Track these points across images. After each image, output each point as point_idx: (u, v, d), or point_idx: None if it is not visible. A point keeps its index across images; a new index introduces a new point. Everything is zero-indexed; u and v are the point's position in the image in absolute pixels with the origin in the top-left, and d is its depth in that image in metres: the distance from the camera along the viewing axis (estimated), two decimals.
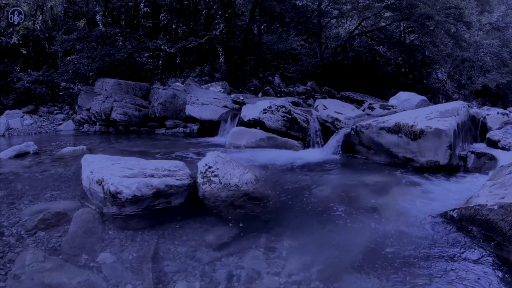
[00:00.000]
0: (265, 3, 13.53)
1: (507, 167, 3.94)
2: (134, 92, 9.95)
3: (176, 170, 4.04)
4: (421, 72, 17.05)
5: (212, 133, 8.49)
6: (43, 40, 13.52)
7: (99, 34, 11.73)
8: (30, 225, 3.01)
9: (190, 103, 8.79)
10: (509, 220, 2.78)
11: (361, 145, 6.02)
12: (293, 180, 4.59)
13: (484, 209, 3.01)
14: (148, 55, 14.39)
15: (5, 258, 2.53)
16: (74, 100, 10.79)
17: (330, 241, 2.95)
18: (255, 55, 15.32)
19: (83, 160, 4.18)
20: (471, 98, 16.39)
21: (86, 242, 2.80)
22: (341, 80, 14.66)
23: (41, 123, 9.85)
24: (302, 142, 7.05)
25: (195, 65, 15.44)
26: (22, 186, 4.11)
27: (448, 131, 5.02)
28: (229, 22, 13.67)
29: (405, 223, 3.24)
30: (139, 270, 2.47)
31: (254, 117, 7.34)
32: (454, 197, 3.91)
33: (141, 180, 3.60)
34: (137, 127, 9.28)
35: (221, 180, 3.84)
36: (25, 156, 5.71)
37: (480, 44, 15.95)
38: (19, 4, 12.62)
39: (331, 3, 15.40)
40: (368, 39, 16.34)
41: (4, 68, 11.17)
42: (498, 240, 2.78)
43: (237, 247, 2.79)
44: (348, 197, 3.95)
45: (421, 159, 5.24)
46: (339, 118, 6.92)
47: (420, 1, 12.89)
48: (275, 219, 3.32)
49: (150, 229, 3.04)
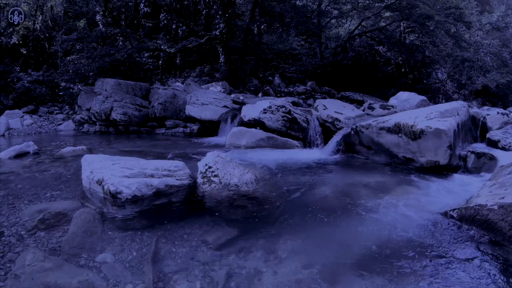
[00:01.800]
0: (265, 3, 13.53)
1: (507, 167, 3.94)
2: (134, 92, 9.95)
3: (176, 170, 4.05)
4: (421, 72, 17.05)
5: (212, 133, 8.48)
6: (43, 40, 13.52)
7: (99, 34, 11.73)
8: (30, 225, 3.01)
9: (190, 103, 8.80)
10: (509, 220, 2.78)
11: (361, 145, 6.02)
12: (293, 180, 4.59)
13: (484, 209, 3.01)
14: (148, 55, 14.39)
15: (5, 258, 2.53)
16: (74, 100, 10.79)
17: (330, 241, 2.95)
18: (255, 55, 15.33)
19: (83, 160, 4.18)
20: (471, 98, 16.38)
21: (86, 242, 2.80)
22: (341, 80, 14.67)
23: (41, 123, 9.85)
24: (302, 142, 7.05)
25: (195, 65, 15.45)
26: (22, 186, 4.11)
27: (448, 131, 5.02)
28: (229, 22, 13.68)
29: (405, 223, 3.25)
30: (139, 270, 2.47)
31: (254, 117, 7.34)
32: (454, 197, 3.92)
33: (141, 180, 3.61)
34: (137, 127, 9.27)
35: (221, 180, 3.84)
36: (25, 156, 5.71)
37: (480, 44, 15.96)
38: (19, 4, 12.62)
39: (331, 3, 15.40)
40: (368, 39, 16.35)
41: (4, 68, 11.15)
42: (498, 240, 2.78)
43: (237, 247, 2.79)
44: (348, 197, 3.95)
45: (421, 159, 5.24)
46: (339, 118, 6.92)
47: (420, 1, 12.90)
48: (275, 219, 3.32)
49: (150, 229, 3.04)
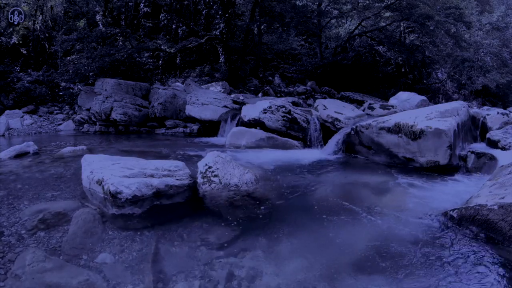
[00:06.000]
0: (265, 3, 13.53)
1: (507, 167, 3.94)
2: (134, 92, 9.95)
3: (176, 170, 4.04)
4: (421, 72, 17.04)
5: (212, 133, 8.48)
6: (43, 40, 13.51)
7: (99, 34, 11.73)
8: (30, 225, 3.01)
9: (190, 103, 8.80)
10: (509, 220, 2.78)
11: (361, 145, 6.02)
12: (293, 180, 4.59)
13: (484, 209, 3.01)
14: (148, 55, 14.39)
15: (5, 258, 2.53)
16: (74, 100, 10.78)
17: (330, 241, 2.95)
18: (255, 55, 15.32)
19: (83, 160, 4.18)
20: (471, 98, 16.38)
21: (86, 242, 2.80)
22: (341, 80, 14.66)
23: (41, 123, 9.85)
24: (302, 142, 7.05)
25: (195, 65, 15.45)
26: (22, 186, 4.11)
27: (448, 131, 5.02)
28: (229, 22, 13.67)
29: (405, 223, 3.25)
30: (139, 270, 2.47)
31: (254, 117, 7.34)
32: (454, 197, 3.92)
33: (141, 180, 3.60)
34: (137, 127, 9.27)
35: (221, 180, 3.84)
36: (25, 156, 5.70)
37: (480, 44, 15.96)
38: (19, 4, 12.61)
39: (331, 3, 15.40)
40: (368, 39, 16.34)
41: (4, 68, 11.15)
42: (498, 240, 2.78)
43: (237, 247, 2.79)
44: (348, 197, 3.95)
45: (421, 159, 5.24)
46: (339, 118, 6.92)
47: (420, 1, 12.90)
48: (275, 219, 3.32)
49: (150, 229, 3.04)
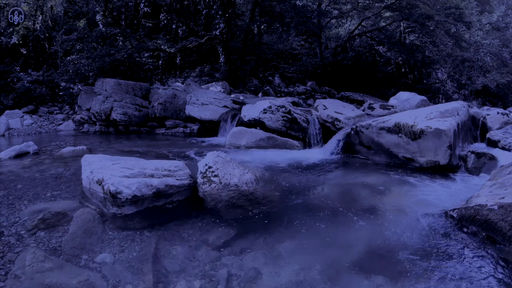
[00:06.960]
0: (265, 3, 13.53)
1: (507, 167, 3.94)
2: (134, 92, 9.95)
3: (176, 170, 4.04)
4: (421, 72, 17.05)
5: (212, 133, 8.48)
6: (43, 40, 13.51)
7: (99, 34, 11.73)
8: (30, 225, 3.01)
9: (190, 103, 8.79)
10: (509, 220, 2.78)
11: (361, 145, 6.02)
12: (293, 180, 4.59)
13: (484, 209, 3.01)
14: (148, 55, 14.38)
15: (5, 258, 2.53)
16: (74, 100, 10.78)
17: (330, 241, 2.95)
18: (255, 55, 15.32)
19: (83, 160, 4.17)
20: (471, 98, 16.39)
21: (86, 242, 2.80)
22: (341, 80, 14.67)
23: (41, 123, 9.85)
24: (302, 142, 7.05)
25: (195, 65, 15.45)
26: (22, 186, 4.11)
27: (448, 131, 5.02)
28: (229, 22, 13.67)
29: (405, 223, 3.25)
30: (139, 270, 2.47)
31: (254, 117, 7.34)
32: (454, 197, 3.92)
33: (141, 180, 3.60)
34: (137, 127, 9.27)
35: (221, 180, 3.84)
36: (25, 156, 5.70)
37: (480, 44, 15.95)
38: (19, 4, 12.61)
39: (331, 3, 15.40)
40: (368, 39, 16.35)
41: (4, 68, 11.16)
42: (498, 240, 2.78)
43: (237, 247, 2.79)
44: (348, 197, 3.95)
45: (421, 159, 5.24)
46: (339, 118, 6.92)
47: (420, 1, 12.90)
48: (275, 219, 3.32)
49: (150, 229, 3.04)
